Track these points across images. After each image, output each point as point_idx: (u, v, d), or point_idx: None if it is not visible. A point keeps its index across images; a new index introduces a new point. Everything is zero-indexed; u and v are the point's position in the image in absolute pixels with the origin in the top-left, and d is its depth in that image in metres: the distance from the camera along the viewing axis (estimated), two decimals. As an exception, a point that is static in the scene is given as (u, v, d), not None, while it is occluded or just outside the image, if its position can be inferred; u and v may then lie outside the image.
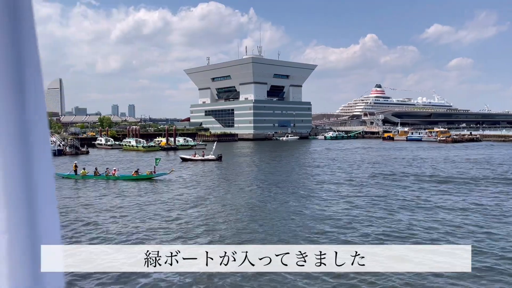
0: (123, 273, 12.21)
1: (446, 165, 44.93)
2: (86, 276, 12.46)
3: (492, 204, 23.04)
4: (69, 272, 12.38)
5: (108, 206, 23.76)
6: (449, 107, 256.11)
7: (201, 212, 21.84)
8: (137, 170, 35.83)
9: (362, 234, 16.87)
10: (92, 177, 35.51)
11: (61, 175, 36.95)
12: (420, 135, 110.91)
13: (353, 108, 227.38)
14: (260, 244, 14.82)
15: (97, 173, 36.04)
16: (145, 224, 19.13)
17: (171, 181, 33.88)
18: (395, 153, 63.75)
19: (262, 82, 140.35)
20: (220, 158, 52.53)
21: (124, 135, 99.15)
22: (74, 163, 38.60)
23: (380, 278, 11.90)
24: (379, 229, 17.58)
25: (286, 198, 25.39)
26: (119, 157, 63.36)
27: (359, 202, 23.88)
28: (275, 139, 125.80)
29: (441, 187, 29.47)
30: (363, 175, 36.70)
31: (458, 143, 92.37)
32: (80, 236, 17.28)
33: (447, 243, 15.42)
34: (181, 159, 53.41)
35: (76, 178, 35.93)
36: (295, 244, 14.01)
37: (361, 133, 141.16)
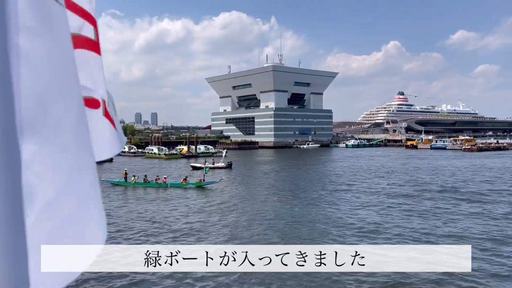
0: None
1: (475, 175, 43.91)
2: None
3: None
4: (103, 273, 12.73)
5: (158, 212, 24.29)
6: (475, 114, 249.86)
7: (246, 217, 22.07)
8: (185, 178, 35.71)
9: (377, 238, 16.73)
10: (142, 185, 35.39)
11: (110, 182, 37.18)
12: (445, 143, 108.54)
13: (375, 116, 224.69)
14: (260, 244, 14.89)
15: (146, 180, 35.94)
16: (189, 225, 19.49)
17: (211, 189, 34.03)
18: (419, 162, 62.66)
19: (282, 90, 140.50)
20: (230, 165, 52.76)
21: (147, 143, 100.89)
22: (124, 170, 38.63)
23: (379, 277, 11.83)
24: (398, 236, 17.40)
25: (313, 208, 25.35)
26: (142, 164, 64.48)
27: (379, 213, 23.64)
28: (295, 147, 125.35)
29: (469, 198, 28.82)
30: (386, 186, 36.27)
31: (484, 152, 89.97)
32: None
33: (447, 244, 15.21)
34: (192, 167, 53.50)
35: (126, 185, 35.92)
36: (295, 244, 14.05)
37: (383, 141, 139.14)
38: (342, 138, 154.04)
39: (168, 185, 34.75)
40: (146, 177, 36.80)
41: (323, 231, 18.65)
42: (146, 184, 35.55)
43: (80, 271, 1.02)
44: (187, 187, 34.22)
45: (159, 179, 35.59)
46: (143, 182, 35.76)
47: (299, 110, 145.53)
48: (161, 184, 34.90)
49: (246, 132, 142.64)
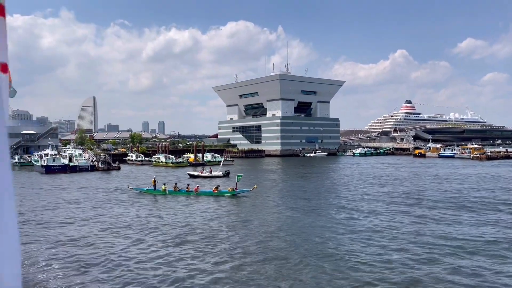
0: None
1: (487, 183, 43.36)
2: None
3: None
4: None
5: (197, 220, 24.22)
6: (483, 123, 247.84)
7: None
8: (217, 187, 35.42)
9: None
10: (173, 193, 35.20)
11: (139, 190, 37.05)
12: (453, 152, 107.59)
13: (383, 124, 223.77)
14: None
15: (176, 188, 35.85)
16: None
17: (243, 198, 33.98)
18: (429, 171, 62.06)
19: (289, 98, 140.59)
20: (227, 174, 53.05)
21: (154, 151, 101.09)
22: (153, 178, 38.28)
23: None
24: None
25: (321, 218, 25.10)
26: (149, 172, 64.58)
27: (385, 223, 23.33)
28: (302, 156, 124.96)
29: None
30: (394, 195, 35.90)
31: (493, 160, 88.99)
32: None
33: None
34: (189, 176, 53.46)
35: (155, 193, 35.70)
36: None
37: (391, 149, 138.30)
38: (349, 146, 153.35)
39: (200, 194, 34.40)
40: (176, 185, 36.65)
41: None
42: (176, 192, 35.29)
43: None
44: (220, 196, 33.84)
45: (189, 187, 35.45)
46: (174, 190, 35.54)
47: (306, 118, 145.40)
48: (191, 192, 34.70)
49: (253, 141, 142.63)
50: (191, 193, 34.54)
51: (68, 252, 17.56)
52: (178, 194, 34.86)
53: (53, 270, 15.19)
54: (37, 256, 17.01)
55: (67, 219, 25.27)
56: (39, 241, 19.67)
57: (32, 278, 14.27)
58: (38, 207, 30.10)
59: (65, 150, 77.40)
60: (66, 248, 18.16)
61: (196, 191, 34.62)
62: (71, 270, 15.10)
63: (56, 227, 22.88)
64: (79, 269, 15.25)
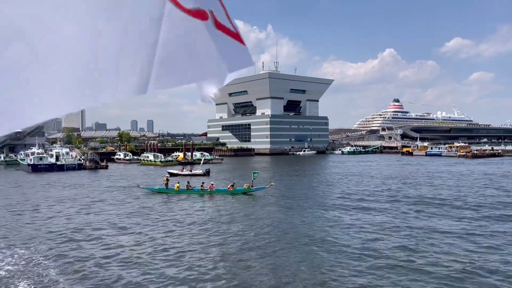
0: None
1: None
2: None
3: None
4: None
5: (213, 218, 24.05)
6: (470, 122, 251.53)
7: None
8: (232, 184, 35.28)
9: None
10: (186, 192, 34.86)
11: (150, 189, 36.73)
12: (440, 150, 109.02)
13: (371, 122, 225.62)
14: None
15: (189, 187, 35.43)
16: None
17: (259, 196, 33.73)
18: (415, 168, 62.78)
19: (278, 97, 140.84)
20: (208, 173, 53.23)
21: (143, 150, 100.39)
22: (165, 177, 37.82)
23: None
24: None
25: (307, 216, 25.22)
26: (137, 171, 64.14)
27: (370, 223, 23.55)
28: (291, 154, 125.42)
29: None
30: (381, 193, 36.26)
31: (479, 159, 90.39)
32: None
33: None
34: (168, 174, 52.78)
35: (168, 192, 35.37)
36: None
37: (379, 148, 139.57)
38: (338, 145, 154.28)
39: (215, 192, 34.21)
40: (189, 183, 36.41)
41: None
42: (189, 191, 35.01)
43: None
44: (236, 194, 33.70)
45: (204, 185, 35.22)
46: (186, 189, 35.22)
47: (295, 117, 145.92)
48: (206, 190, 34.43)
49: (242, 139, 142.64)
50: (206, 192, 34.21)
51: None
52: (191, 193, 34.53)
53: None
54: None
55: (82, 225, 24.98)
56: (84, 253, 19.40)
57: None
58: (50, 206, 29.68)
59: (52, 149, 76.33)
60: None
61: (210, 189, 34.42)
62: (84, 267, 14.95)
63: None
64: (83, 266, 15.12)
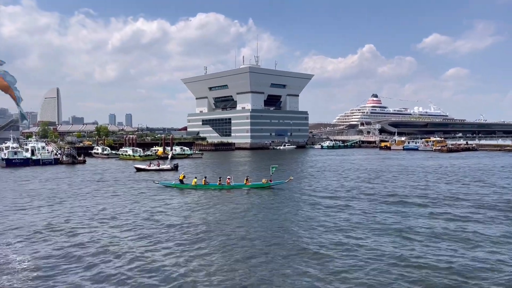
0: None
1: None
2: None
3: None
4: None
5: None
6: (445, 116, 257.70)
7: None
8: (247, 178, 34.83)
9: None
10: (203, 187, 34.15)
11: (165, 184, 36.00)
12: (417, 144, 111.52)
13: (350, 117, 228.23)
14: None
15: (206, 182, 34.74)
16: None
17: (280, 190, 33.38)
18: (393, 162, 63.95)
19: (259, 91, 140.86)
20: (176, 168, 53.05)
21: (121, 144, 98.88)
22: (182, 174, 37.33)
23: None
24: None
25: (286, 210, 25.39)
26: (116, 166, 63.22)
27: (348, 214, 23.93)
28: (272, 148, 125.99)
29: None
30: (357, 186, 36.81)
31: (454, 153, 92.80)
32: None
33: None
34: (136, 169, 52.78)
35: (184, 187, 34.69)
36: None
37: (358, 142, 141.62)
38: (318, 139, 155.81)
39: (233, 186, 33.76)
40: (206, 178, 35.76)
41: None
42: (206, 186, 34.24)
43: None
44: (253, 188, 33.27)
45: (221, 180, 34.72)
46: (203, 184, 34.42)
47: (276, 111, 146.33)
48: (224, 185, 33.96)
49: (223, 134, 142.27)
50: (224, 187, 33.78)
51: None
52: (208, 188, 33.96)
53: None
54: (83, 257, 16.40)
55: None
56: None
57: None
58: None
59: (27, 143, 74.41)
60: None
61: (228, 184, 34.06)
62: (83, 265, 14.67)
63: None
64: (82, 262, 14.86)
